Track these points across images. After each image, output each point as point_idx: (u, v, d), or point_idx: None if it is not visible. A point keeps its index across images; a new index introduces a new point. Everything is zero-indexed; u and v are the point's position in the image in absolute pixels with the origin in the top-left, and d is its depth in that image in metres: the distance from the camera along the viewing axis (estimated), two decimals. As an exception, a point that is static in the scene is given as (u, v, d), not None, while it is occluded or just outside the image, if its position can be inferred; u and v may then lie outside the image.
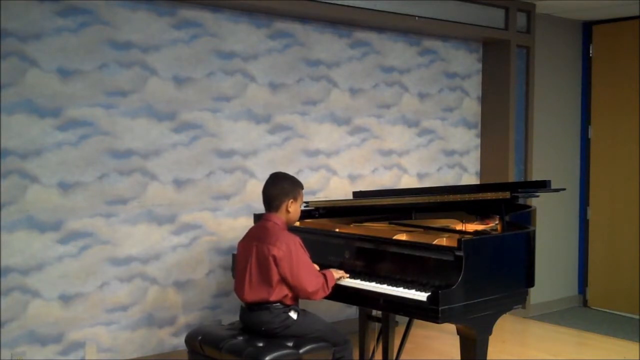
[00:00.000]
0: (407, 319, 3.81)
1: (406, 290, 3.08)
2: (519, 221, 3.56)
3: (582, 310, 6.05)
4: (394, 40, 5.08)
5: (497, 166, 5.54)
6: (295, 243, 3.17)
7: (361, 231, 3.71)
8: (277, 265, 3.12)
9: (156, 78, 4.06)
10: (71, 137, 3.79)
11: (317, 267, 3.34)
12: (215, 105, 4.29)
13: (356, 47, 4.89)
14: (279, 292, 3.16)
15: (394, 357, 3.80)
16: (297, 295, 3.22)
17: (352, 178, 4.94)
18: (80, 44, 3.79)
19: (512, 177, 5.52)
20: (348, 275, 3.36)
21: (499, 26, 5.37)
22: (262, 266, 3.16)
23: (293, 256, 3.13)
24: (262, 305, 3.18)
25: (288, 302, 3.19)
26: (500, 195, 3.31)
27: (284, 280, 3.15)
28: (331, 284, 3.25)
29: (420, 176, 5.31)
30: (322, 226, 3.90)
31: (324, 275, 3.25)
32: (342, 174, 4.89)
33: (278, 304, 3.17)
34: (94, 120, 3.86)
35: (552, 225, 5.84)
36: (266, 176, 3.40)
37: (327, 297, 3.31)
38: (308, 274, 3.17)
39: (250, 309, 3.22)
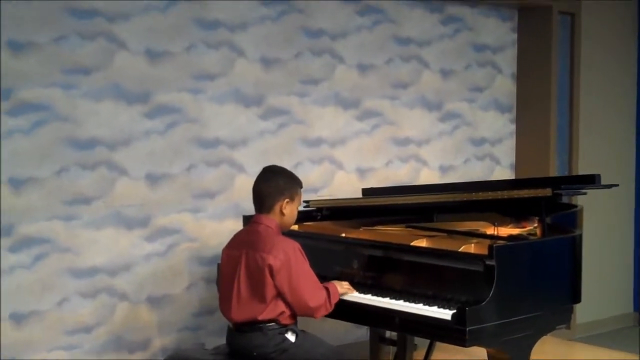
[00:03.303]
0: (427, 341, 3.81)
1: (426, 307, 3.09)
2: (563, 223, 3.56)
3: (638, 331, 6.05)
4: (411, 7, 5.07)
5: (535, 157, 5.53)
6: (294, 250, 3.17)
7: (372, 236, 3.71)
8: (273, 277, 3.12)
9: (125, 52, 4.05)
10: (23, 124, 3.79)
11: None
12: (196, 85, 4.28)
13: (366, 15, 4.88)
14: (274, 309, 3.16)
15: (412, 388, 3.81)
16: (296, 312, 3.22)
17: (361, 172, 4.94)
18: (39, 15, 3.79)
19: (554, 170, 5.52)
20: (355, 290, 3.36)
21: (537, -11, 5.38)
22: (254, 278, 3.16)
23: (292, 266, 3.13)
24: (254, 326, 3.17)
25: (285, 321, 3.19)
26: (539, 192, 3.31)
27: (280, 295, 3.15)
28: (334, 300, 3.25)
29: (443, 170, 5.31)
30: (325, 230, 3.90)
31: (327, 288, 3.25)
32: (349, 168, 4.89)
33: (273, 323, 3.17)
34: (50, 104, 3.86)
35: (602, 228, 5.83)
36: (258, 170, 3.40)
37: (332, 315, 3.32)
38: (310, 287, 3.18)
39: (239, 329, 3.22)
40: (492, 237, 3.57)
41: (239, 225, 3.92)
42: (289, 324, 3.21)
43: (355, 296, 3.33)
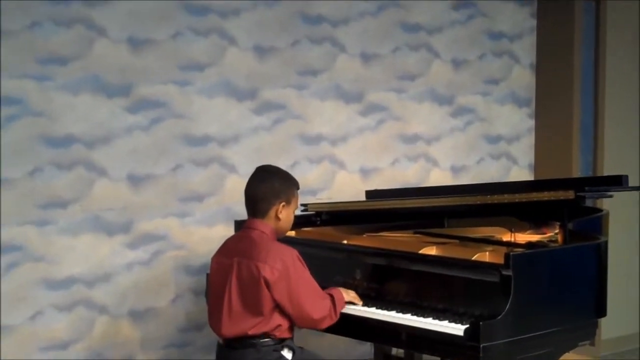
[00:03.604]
0: (437, 359, 3.80)
1: (436, 322, 3.08)
2: (586, 229, 3.56)
3: (669, 346, 6.04)
4: (420, -10, 5.08)
5: (556, 156, 5.53)
6: (293, 258, 3.17)
7: (377, 243, 3.71)
8: (269, 289, 3.10)
9: (105, 40, 4.04)
10: (-8, 120, 3.79)
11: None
12: (184, 76, 4.27)
13: (370, -1, 4.88)
14: (270, 323, 3.15)
15: (421, 410, 3.80)
16: (297, 324, 3.22)
17: (365, 173, 4.94)
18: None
19: (577, 171, 5.51)
20: (361, 300, 3.35)
21: (559, -29, 5.37)
22: (247, 289, 3.15)
23: (292, 276, 3.13)
24: (246, 341, 3.17)
25: (281, 335, 3.19)
26: (561, 195, 3.30)
27: (278, 307, 3.14)
28: (340, 308, 3.25)
29: (454, 170, 5.30)
30: (325, 236, 3.90)
31: (331, 296, 3.25)
32: (351, 168, 4.88)
33: (267, 339, 3.17)
34: (23, 97, 3.85)
35: (630, 234, 5.81)
36: (250, 170, 3.39)
37: (332, 330, 3.31)
38: (312, 298, 3.18)
39: (230, 346, 3.21)
40: (508, 244, 3.58)
41: (230, 231, 3.92)
42: (286, 338, 3.20)
43: (358, 309, 3.32)
